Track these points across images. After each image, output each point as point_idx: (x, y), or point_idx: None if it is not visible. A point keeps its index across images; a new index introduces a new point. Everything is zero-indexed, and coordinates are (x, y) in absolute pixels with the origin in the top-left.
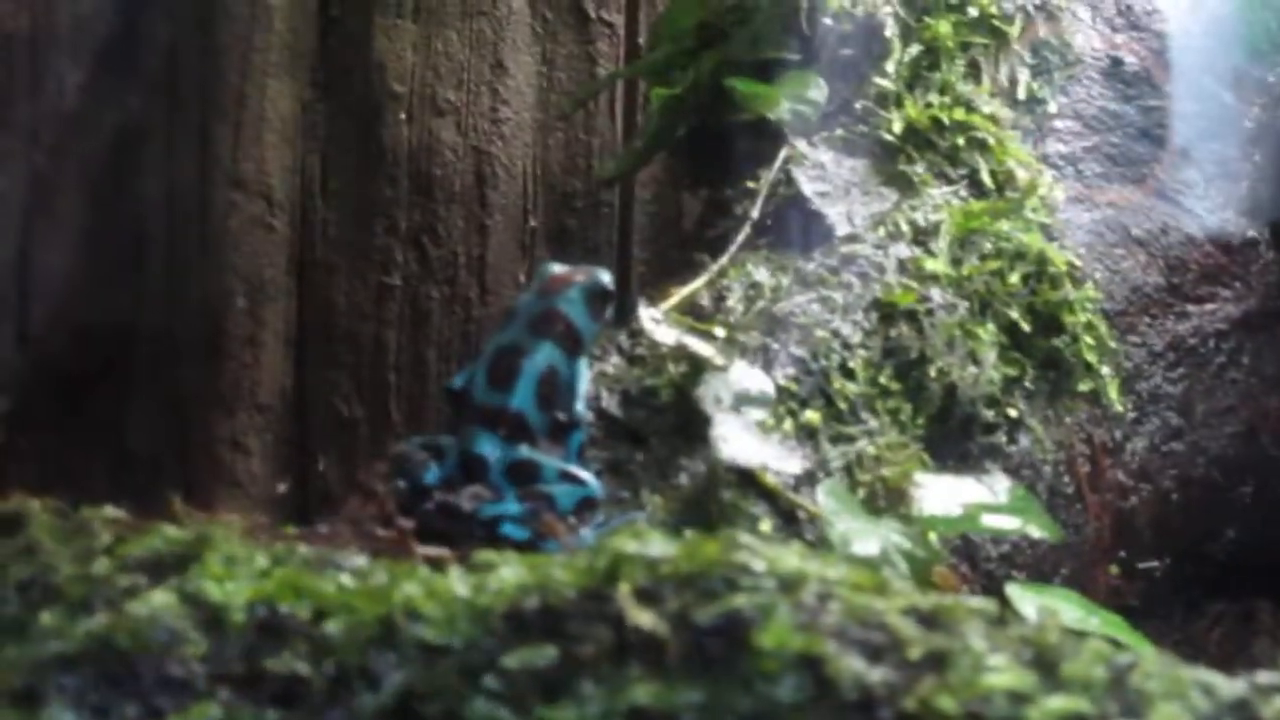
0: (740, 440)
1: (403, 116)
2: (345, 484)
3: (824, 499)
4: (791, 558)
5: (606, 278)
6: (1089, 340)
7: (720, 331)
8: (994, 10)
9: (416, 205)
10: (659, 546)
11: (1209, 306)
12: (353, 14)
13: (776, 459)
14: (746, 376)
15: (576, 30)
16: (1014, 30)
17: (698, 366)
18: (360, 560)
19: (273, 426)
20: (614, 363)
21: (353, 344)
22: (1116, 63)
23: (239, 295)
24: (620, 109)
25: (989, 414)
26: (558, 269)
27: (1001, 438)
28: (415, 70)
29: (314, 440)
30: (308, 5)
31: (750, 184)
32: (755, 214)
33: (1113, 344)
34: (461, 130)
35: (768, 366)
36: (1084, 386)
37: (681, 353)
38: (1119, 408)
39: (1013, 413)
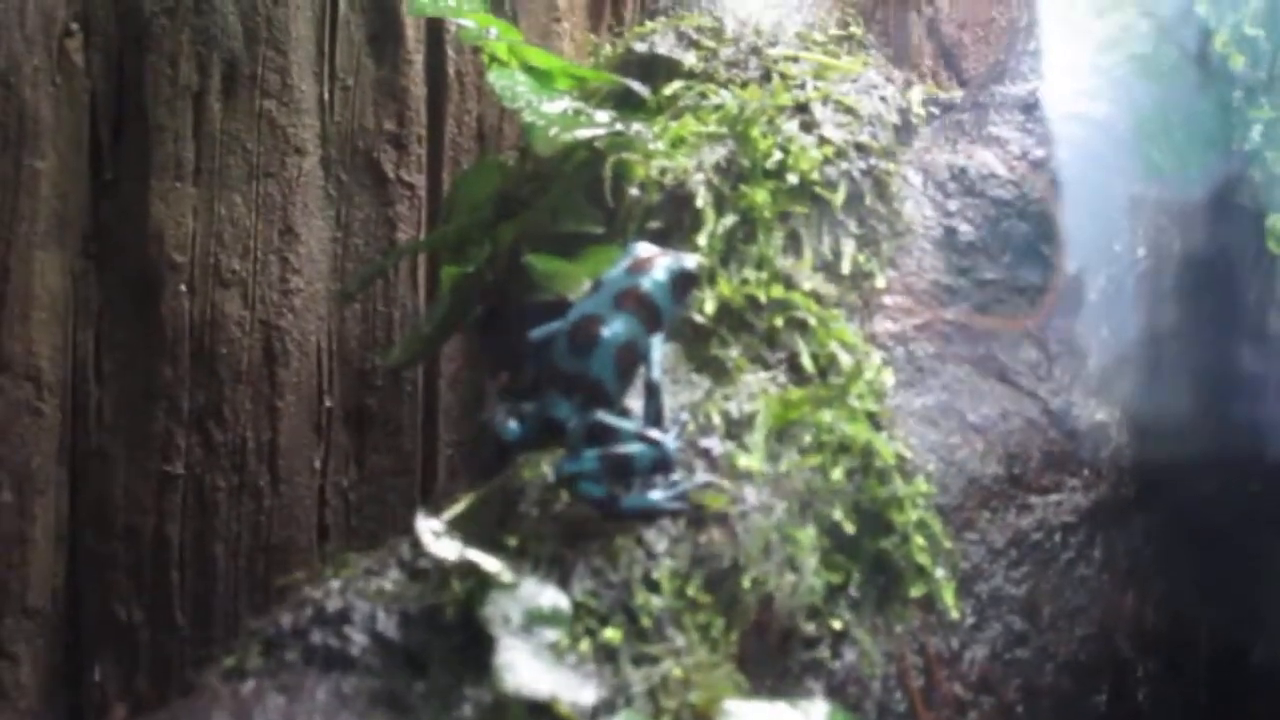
0: (528, 667)
1: (183, 289)
2: (123, 695)
3: None
4: None
5: (692, 263)
6: (920, 540)
7: (512, 541)
8: (815, 177)
9: (200, 386)
10: None
11: (1054, 497)
12: (128, 177)
13: (568, 687)
14: (539, 592)
15: (374, 192)
16: (838, 198)
17: (484, 583)
18: None
19: (43, 632)
20: (393, 578)
21: (131, 540)
22: (950, 232)
23: (4, 488)
24: (423, 277)
25: (810, 626)
26: (646, 249)
27: (824, 652)
28: (197, 238)
29: (89, 647)
30: (78, 168)
31: None
32: None
33: (948, 543)
34: (248, 303)
35: (563, 580)
36: (916, 592)
37: (466, 568)
38: (955, 613)
39: (836, 624)
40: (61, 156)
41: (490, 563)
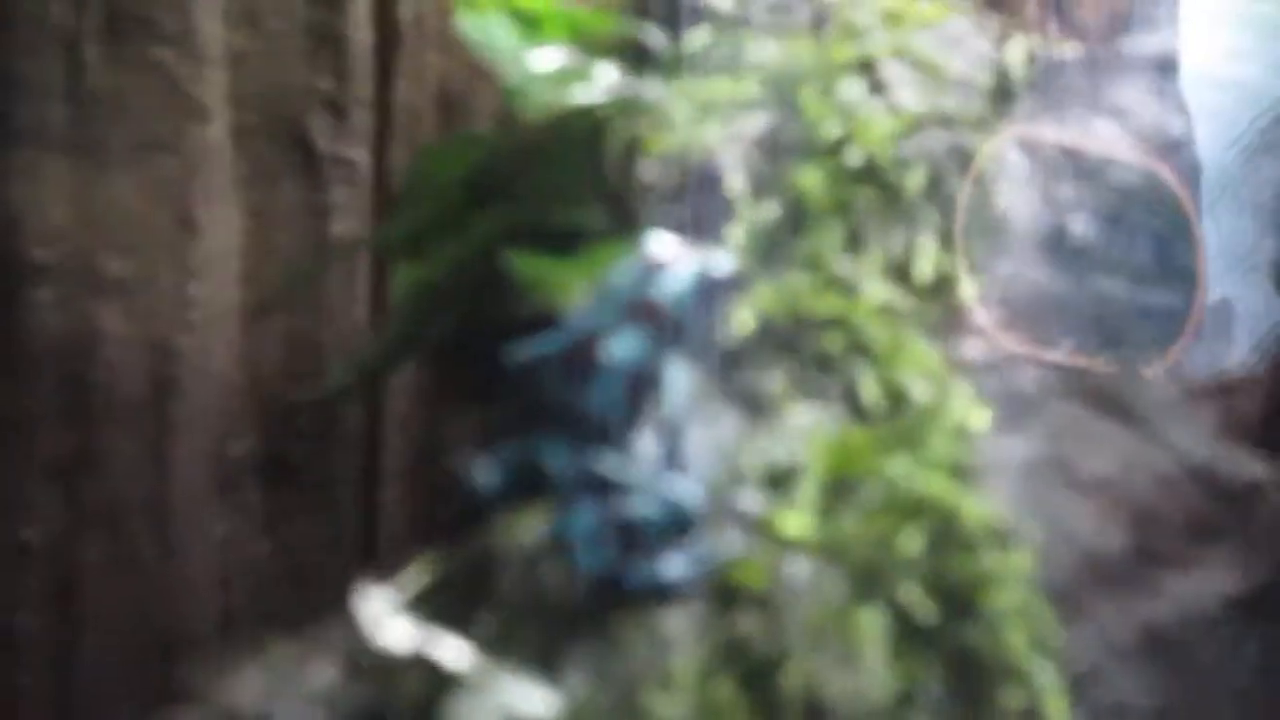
0: None
1: (48, 296)
2: None
3: None
4: None
5: (723, 265)
6: (1019, 632)
7: (486, 624)
8: (885, 155)
9: (66, 425)
10: None
11: (1195, 578)
12: None
13: None
14: (519, 694)
15: (302, 172)
16: (914, 183)
17: (446, 680)
18: None
19: None
20: (327, 673)
21: None
22: (1060, 228)
23: None
24: (367, 283)
25: None
26: (663, 247)
27: None
28: (66, 229)
29: None
30: None
31: None
32: None
33: (1055, 636)
34: (133, 316)
35: (553, 676)
36: (1014, 701)
37: (421, 663)
38: None
39: None
40: None
41: (454, 654)
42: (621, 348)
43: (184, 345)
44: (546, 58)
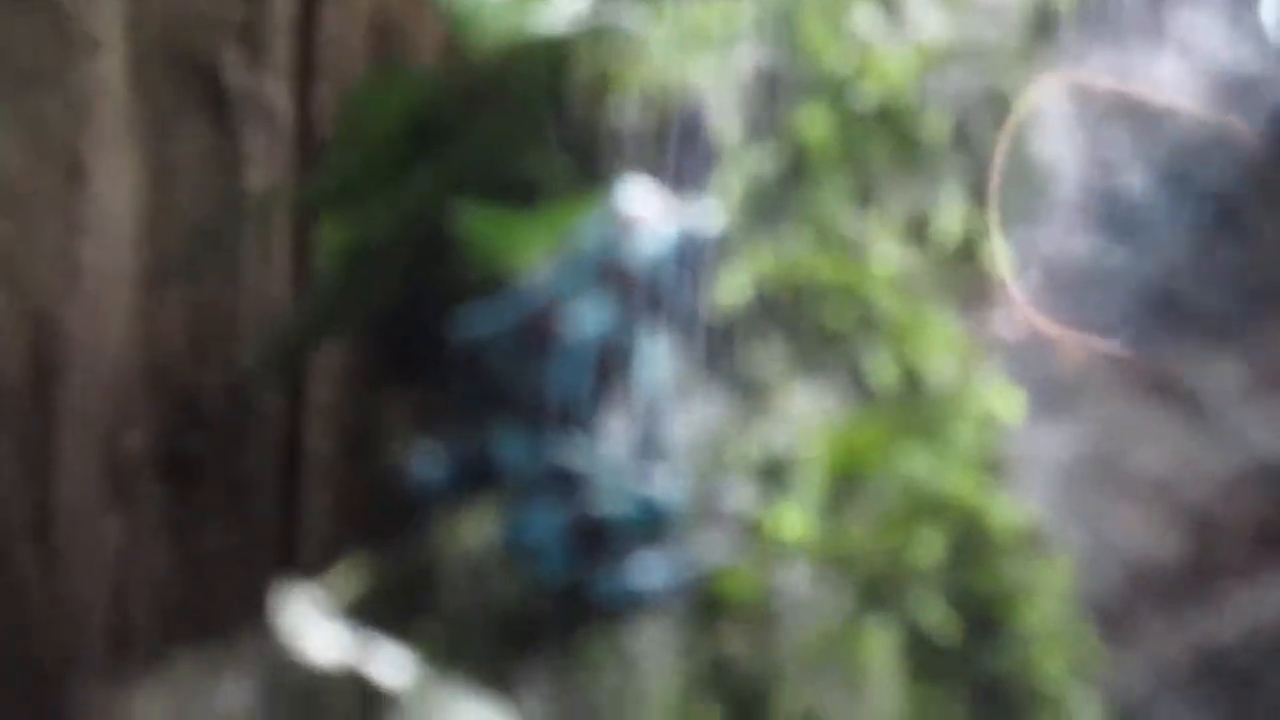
0: None
1: None
2: None
3: None
4: None
5: (710, 224)
6: (1054, 653)
7: (428, 639)
8: (903, 96)
9: None
10: None
11: (1263, 593)
12: None
13: None
14: (467, 715)
15: (210, 114)
16: (937, 130)
17: (379, 701)
18: None
19: None
20: (240, 693)
21: None
22: (1111, 186)
23: None
24: (287, 246)
25: None
26: (638, 202)
27: None
28: None
29: None
30: None
31: None
32: None
33: (1098, 659)
34: (10, 284)
35: (507, 697)
36: None
37: (352, 678)
38: None
39: None
40: None
41: (391, 668)
42: (588, 319)
43: (70, 319)
44: None
